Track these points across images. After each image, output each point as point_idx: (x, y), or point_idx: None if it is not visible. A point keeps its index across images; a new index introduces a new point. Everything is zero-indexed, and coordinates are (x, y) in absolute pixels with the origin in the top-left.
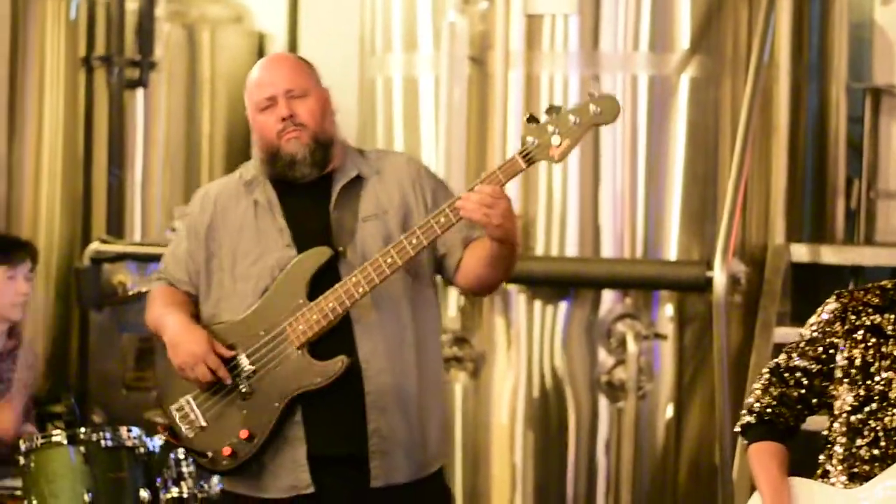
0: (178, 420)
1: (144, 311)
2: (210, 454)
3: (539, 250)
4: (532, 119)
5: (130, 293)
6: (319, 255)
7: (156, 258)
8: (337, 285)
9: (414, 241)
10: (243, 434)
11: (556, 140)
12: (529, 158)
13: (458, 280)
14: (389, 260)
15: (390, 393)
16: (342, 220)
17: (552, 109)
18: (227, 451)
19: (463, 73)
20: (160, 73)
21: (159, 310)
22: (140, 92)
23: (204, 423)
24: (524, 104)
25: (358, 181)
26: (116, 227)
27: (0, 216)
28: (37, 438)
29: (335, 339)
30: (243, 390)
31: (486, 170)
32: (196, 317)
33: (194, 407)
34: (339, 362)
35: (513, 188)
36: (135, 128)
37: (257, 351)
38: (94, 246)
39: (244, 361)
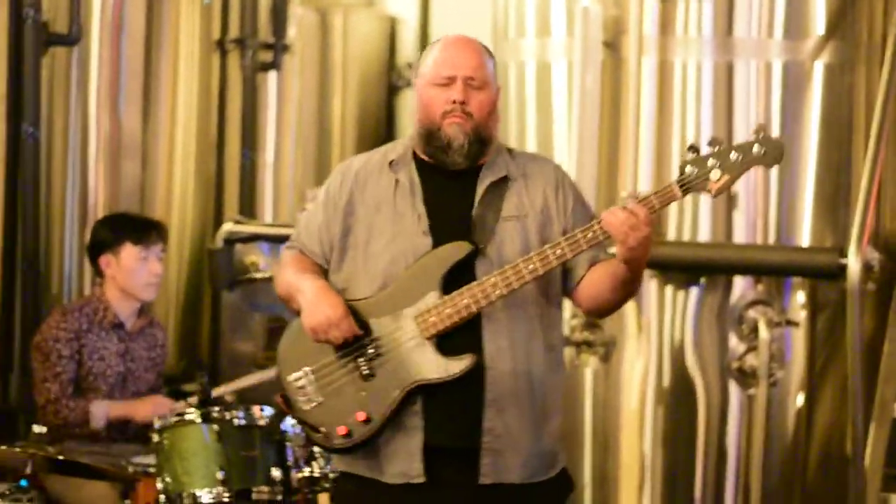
0: (294, 390)
1: (276, 287)
2: (324, 430)
3: (671, 235)
4: (693, 149)
5: (262, 274)
6: (460, 249)
7: (286, 239)
8: (474, 283)
9: (558, 251)
10: (360, 416)
11: (715, 175)
12: (686, 188)
13: (576, 297)
14: (531, 266)
15: (510, 395)
16: (484, 217)
17: (715, 142)
18: (342, 430)
19: (596, 59)
20: (293, 56)
21: (293, 275)
22: (273, 74)
23: (321, 399)
24: (657, 90)
25: (504, 181)
26: (248, 209)
27: (134, 197)
28: (171, 417)
29: (462, 335)
30: (364, 372)
31: (617, 160)
32: None
33: (313, 380)
34: (465, 361)
35: (645, 169)
36: (267, 110)
37: (385, 335)
38: (227, 227)
39: (370, 343)
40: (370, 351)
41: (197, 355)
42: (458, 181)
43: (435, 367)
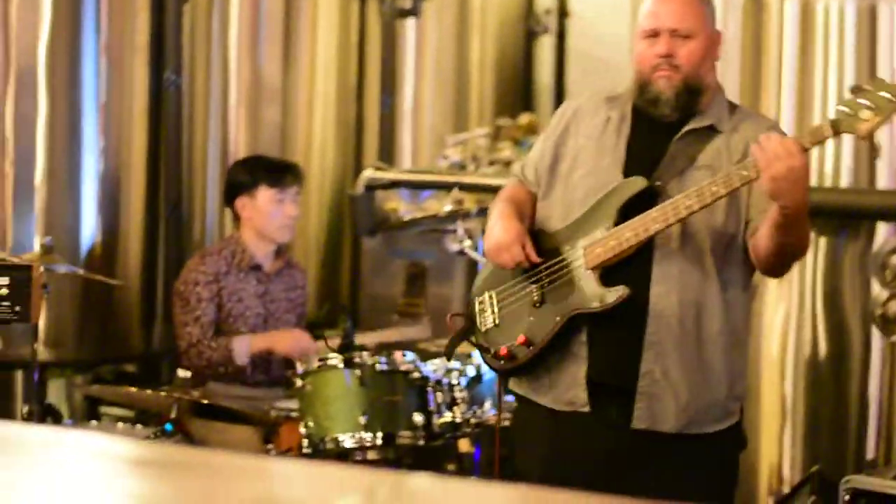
0: (476, 311)
1: (416, 238)
2: (492, 351)
3: (813, 181)
4: (856, 89)
5: (403, 219)
6: (633, 184)
7: (427, 185)
8: (637, 217)
9: (713, 188)
10: (520, 339)
11: (866, 114)
12: (837, 128)
13: (750, 252)
14: (688, 202)
15: (673, 338)
16: (676, 159)
17: (871, 82)
18: (503, 351)
19: (737, 4)
20: (431, 2)
21: (497, 201)
22: (411, 21)
23: (497, 321)
24: (799, 35)
25: (710, 131)
26: (387, 155)
27: (274, 144)
28: (314, 362)
29: (632, 271)
30: (535, 298)
31: (759, 105)
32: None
33: (494, 303)
34: (617, 292)
35: (787, 113)
36: (406, 57)
37: (558, 263)
38: (368, 173)
39: (545, 270)
40: (544, 278)
41: (337, 301)
42: (666, 125)
43: (592, 296)
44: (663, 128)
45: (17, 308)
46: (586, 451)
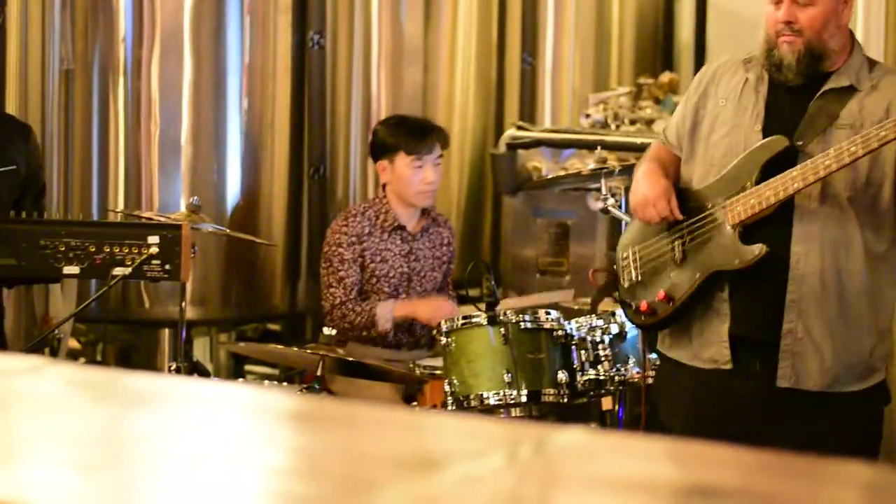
0: (620, 268)
1: (558, 197)
2: (633, 306)
3: None
4: None
5: (545, 178)
6: (775, 144)
7: (569, 144)
8: (778, 176)
9: (853, 148)
10: (660, 295)
11: None
12: None
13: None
14: (827, 162)
15: (814, 297)
16: (816, 119)
17: None
18: (644, 306)
19: None
20: None
21: (641, 162)
22: None
23: (639, 277)
24: None
25: (849, 90)
26: (528, 114)
27: (416, 103)
28: (458, 319)
29: (773, 229)
30: (677, 254)
31: None
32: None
33: (636, 259)
34: (756, 249)
35: None
36: (546, 15)
37: (699, 221)
38: (510, 132)
39: (686, 228)
40: (686, 235)
41: (478, 259)
42: (805, 85)
43: (733, 254)
44: (801, 88)
45: (168, 267)
46: (729, 408)
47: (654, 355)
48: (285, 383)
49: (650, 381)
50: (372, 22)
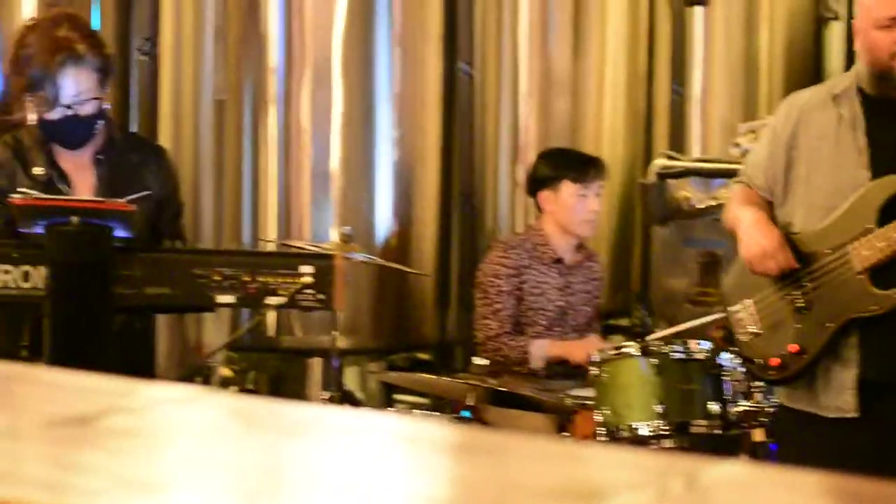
0: (734, 322)
1: (709, 226)
2: (759, 361)
3: None
4: None
5: (695, 208)
6: (890, 183)
7: (718, 174)
8: None
9: None
10: (793, 348)
11: None
12: None
13: None
14: None
15: None
16: None
17: None
18: (774, 361)
19: None
20: None
21: (736, 208)
22: (700, 9)
23: (759, 330)
24: None
25: None
26: (677, 143)
27: (564, 133)
28: (610, 350)
29: None
30: (799, 304)
31: None
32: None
33: (753, 312)
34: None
35: None
36: (695, 45)
37: (820, 268)
38: (659, 161)
39: (806, 275)
40: (806, 283)
41: (627, 290)
42: None
43: (868, 300)
44: None
45: (321, 296)
46: (856, 456)
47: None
48: (435, 412)
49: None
50: (520, 51)
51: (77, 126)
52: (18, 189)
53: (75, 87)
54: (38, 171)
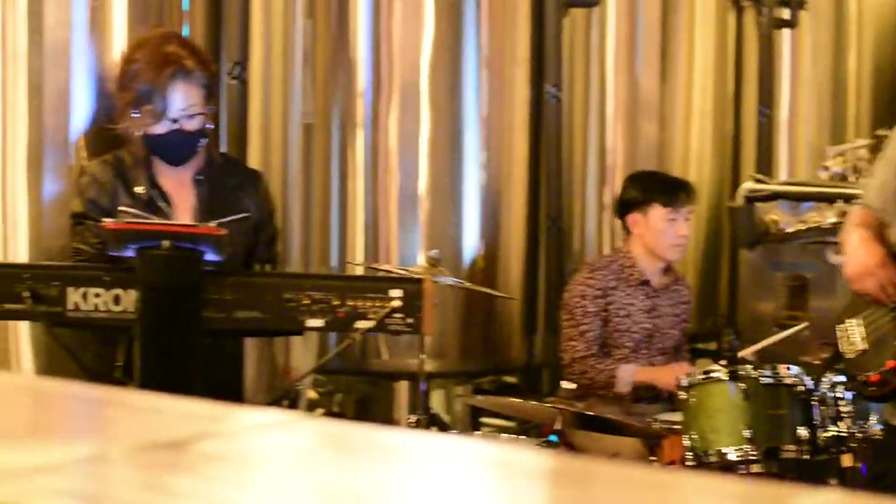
0: (843, 338)
1: (797, 250)
2: (861, 378)
3: None
4: None
5: (784, 231)
6: None
7: (807, 197)
8: None
9: None
10: (890, 364)
11: None
12: None
13: None
14: None
15: None
16: None
17: None
18: (874, 377)
19: None
20: (808, 12)
21: (849, 229)
22: (788, 32)
23: (864, 346)
24: None
25: None
26: (764, 167)
27: (651, 157)
28: (698, 374)
29: None
30: None
31: None
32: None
33: (860, 329)
34: None
35: None
36: (782, 67)
37: None
38: (748, 185)
39: None
40: None
41: (714, 314)
42: None
43: None
44: None
45: (410, 320)
46: None
47: (878, 425)
48: (523, 436)
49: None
50: (607, 75)
51: (182, 141)
52: (119, 209)
53: (183, 101)
54: (139, 190)
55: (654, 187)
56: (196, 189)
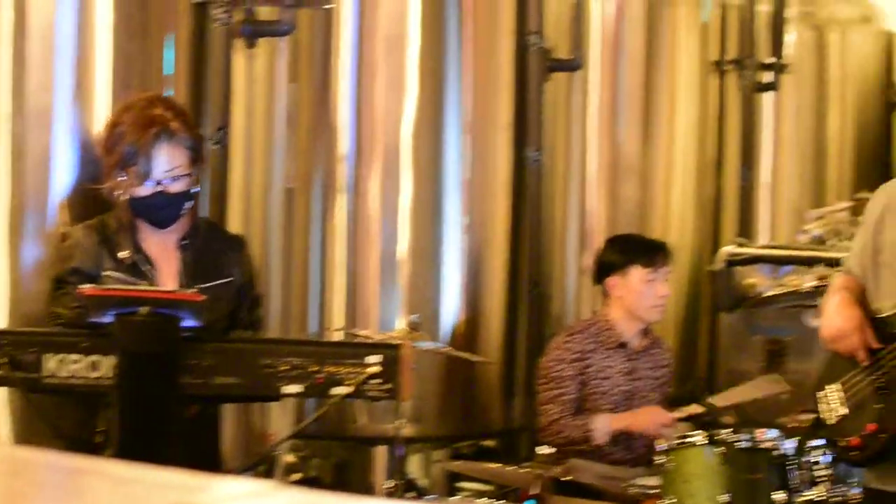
0: (819, 406)
1: (776, 314)
2: (842, 443)
3: None
4: None
5: (763, 295)
6: None
7: (787, 261)
8: None
9: None
10: (870, 427)
11: None
12: None
13: None
14: None
15: None
16: None
17: None
18: (855, 441)
19: None
20: (789, 75)
21: (831, 291)
22: (769, 94)
23: (844, 411)
24: None
25: None
26: (745, 229)
27: (632, 219)
28: (675, 439)
29: None
30: (880, 384)
31: None
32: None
33: (839, 394)
34: None
35: None
36: (764, 130)
37: None
38: (728, 248)
39: (887, 356)
40: (886, 364)
41: (693, 376)
42: None
43: None
44: None
45: (388, 386)
46: None
47: (856, 489)
48: (501, 501)
49: None
50: (588, 137)
51: (166, 203)
52: (104, 273)
53: (168, 163)
54: (123, 254)
55: (633, 249)
56: (181, 253)
